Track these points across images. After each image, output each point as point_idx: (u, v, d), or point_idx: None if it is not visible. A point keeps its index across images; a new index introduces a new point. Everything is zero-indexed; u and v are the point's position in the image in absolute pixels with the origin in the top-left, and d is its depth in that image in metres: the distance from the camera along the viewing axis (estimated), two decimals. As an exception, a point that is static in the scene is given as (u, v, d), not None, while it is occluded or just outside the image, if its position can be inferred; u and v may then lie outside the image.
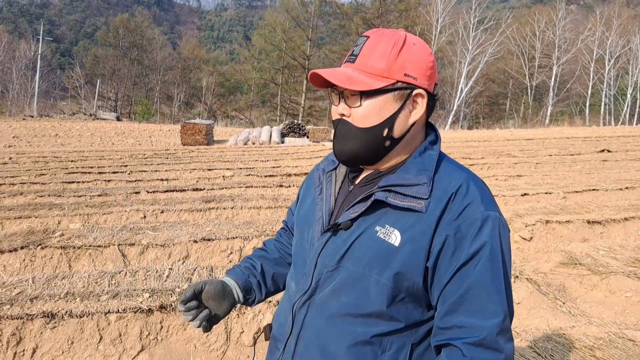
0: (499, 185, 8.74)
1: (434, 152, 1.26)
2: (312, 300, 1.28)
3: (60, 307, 3.58)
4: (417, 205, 1.16)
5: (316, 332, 1.26)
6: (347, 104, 1.23)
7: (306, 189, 1.51)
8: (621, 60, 47.24)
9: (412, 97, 1.22)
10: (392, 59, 1.19)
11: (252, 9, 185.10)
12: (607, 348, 3.12)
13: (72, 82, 59.31)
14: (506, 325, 1.11)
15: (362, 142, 1.23)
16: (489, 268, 1.11)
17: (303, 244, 1.37)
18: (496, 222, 1.14)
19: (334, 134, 1.29)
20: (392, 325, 1.19)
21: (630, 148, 14.68)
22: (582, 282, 4.66)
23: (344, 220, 1.23)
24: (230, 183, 9.40)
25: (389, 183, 1.20)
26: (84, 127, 30.08)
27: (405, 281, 1.16)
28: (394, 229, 1.17)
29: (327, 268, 1.25)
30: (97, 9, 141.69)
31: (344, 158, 1.27)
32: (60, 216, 6.49)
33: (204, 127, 19.94)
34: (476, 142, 18.15)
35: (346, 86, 1.18)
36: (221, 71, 65.73)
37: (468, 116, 50.40)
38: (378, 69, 1.19)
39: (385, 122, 1.21)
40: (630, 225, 6.17)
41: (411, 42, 1.22)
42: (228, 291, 1.48)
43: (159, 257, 5.14)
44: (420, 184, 1.18)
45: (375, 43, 1.21)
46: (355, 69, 1.21)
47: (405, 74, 1.20)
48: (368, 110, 1.20)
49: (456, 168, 1.26)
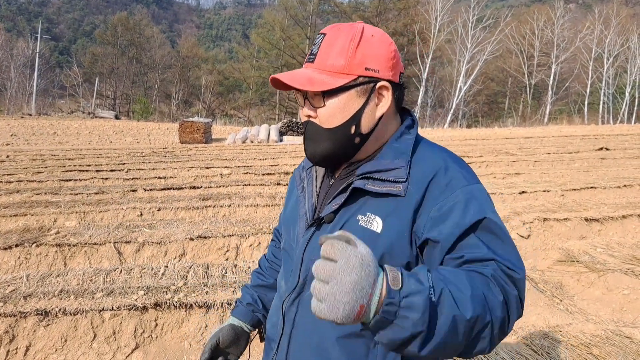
0: (497, 184, 8.73)
1: (410, 136, 1.24)
2: (301, 298, 1.26)
3: (54, 305, 3.56)
4: (395, 189, 1.13)
5: (308, 329, 1.24)
6: (312, 104, 1.21)
7: (290, 191, 1.50)
8: (620, 59, 47.26)
9: (376, 90, 1.19)
10: (350, 54, 1.16)
11: (251, 7, 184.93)
12: (604, 345, 3.10)
13: (71, 80, 59.28)
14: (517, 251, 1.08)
15: (331, 143, 1.21)
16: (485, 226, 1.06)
17: (290, 243, 1.36)
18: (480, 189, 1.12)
19: (304, 137, 1.28)
20: None
21: (629, 146, 14.66)
22: (580, 279, 4.65)
23: (327, 214, 1.22)
24: (228, 181, 9.37)
25: (367, 170, 1.18)
26: (82, 126, 30.04)
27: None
28: (375, 215, 1.15)
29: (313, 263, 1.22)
30: (96, 7, 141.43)
31: (316, 160, 1.26)
32: (56, 214, 6.46)
33: (203, 126, 19.91)
34: (475, 140, 18.14)
35: (306, 88, 1.16)
36: (220, 70, 65.64)
37: (467, 115, 50.38)
38: (338, 66, 1.17)
39: (351, 119, 1.19)
40: (628, 222, 6.15)
41: (369, 34, 1.19)
42: (240, 332, 1.54)
43: (155, 255, 5.11)
44: (398, 168, 1.16)
45: (333, 40, 1.19)
46: (315, 69, 1.19)
47: (366, 68, 1.17)
48: (332, 110, 1.18)
49: (434, 149, 1.23)
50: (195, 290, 3.95)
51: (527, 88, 52.27)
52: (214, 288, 4.00)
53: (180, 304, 3.68)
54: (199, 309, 3.69)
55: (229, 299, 3.75)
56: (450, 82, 47.55)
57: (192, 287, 4.02)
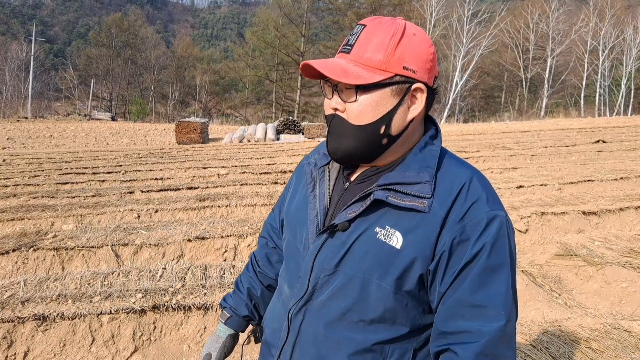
0: (494, 178, 8.73)
1: (435, 148, 1.19)
2: (308, 306, 1.21)
3: (52, 310, 3.55)
4: (419, 205, 1.09)
5: (313, 339, 1.20)
6: (341, 98, 1.15)
7: (296, 184, 1.42)
8: (615, 51, 47.27)
9: (410, 92, 1.14)
10: (390, 50, 1.11)
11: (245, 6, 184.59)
12: (602, 339, 3.10)
13: (66, 82, 59.10)
14: (509, 329, 1.05)
15: (357, 140, 1.15)
16: (491, 269, 1.06)
17: (295, 245, 1.30)
18: (501, 223, 1.08)
19: (328, 131, 1.21)
20: (394, 331, 1.14)
21: (625, 138, 14.68)
22: (578, 273, 4.65)
23: (341, 222, 1.16)
24: (225, 181, 9.36)
25: (389, 181, 1.13)
26: (79, 128, 29.98)
27: (408, 285, 1.11)
28: (395, 230, 1.11)
29: (325, 272, 1.18)
30: (90, 8, 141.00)
31: (338, 156, 1.19)
32: (53, 217, 6.45)
33: (199, 126, 19.89)
34: (472, 135, 18.14)
35: (340, 79, 1.10)
36: (215, 69, 65.51)
37: (463, 110, 50.38)
38: (375, 61, 1.11)
39: (382, 118, 1.13)
40: (626, 215, 6.16)
41: (411, 32, 1.14)
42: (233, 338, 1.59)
43: (153, 257, 5.10)
44: (423, 182, 1.12)
45: (372, 33, 1.12)
46: (351, 61, 1.13)
47: (404, 67, 1.11)
48: (364, 106, 1.12)
49: (459, 164, 1.19)
50: (194, 291, 3.94)
51: (523, 82, 52.28)
52: (212, 289, 3.99)
53: (178, 306, 3.67)
54: (198, 311, 3.68)
55: (228, 300, 3.74)
56: (447, 77, 47.52)
57: (191, 288, 4.01)
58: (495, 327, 1.04)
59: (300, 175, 1.41)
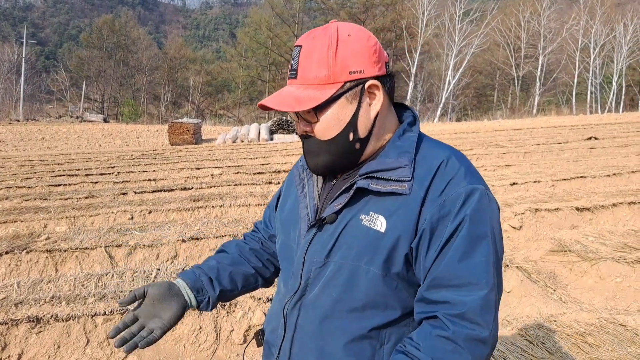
0: (488, 176, 8.75)
1: (413, 134, 1.21)
2: (303, 301, 1.23)
3: (46, 312, 3.52)
4: (400, 188, 1.12)
5: (311, 333, 1.21)
6: (305, 120, 1.19)
7: (287, 188, 1.45)
8: (606, 49, 47.56)
9: (366, 91, 1.16)
10: (331, 62, 1.12)
11: (237, 6, 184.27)
12: (598, 334, 3.11)
13: (58, 85, 58.79)
14: (490, 299, 1.07)
15: (332, 154, 1.19)
16: (471, 240, 1.08)
17: (289, 244, 1.32)
18: (480, 195, 1.10)
19: (304, 151, 1.25)
20: (388, 315, 1.15)
21: (617, 135, 14.77)
22: (572, 268, 4.67)
23: (329, 214, 1.19)
24: (219, 181, 9.33)
25: (370, 169, 1.16)
26: (71, 130, 29.82)
27: (395, 267, 1.13)
28: (378, 215, 1.13)
29: (316, 265, 1.20)
30: (81, 10, 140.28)
31: (320, 172, 1.24)
32: (46, 219, 6.40)
33: (192, 127, 19.83)
34: (465, 133, 18.19)
35: (295, 109, 1.13)
36: (208, 70, 65.36)
37: (456, 108, 50.51)
38: (321, 78, 1.13)
39: (347, 127, 1.16)
40: (618, 211, 6.19)
41: (345, 34, 1.15)
42: (175, 291, 1.35)
43: (147, 258, 5.08)
44: (402, 167, 1.14)
45: (310, 50, 1.15)
46: (300, 85, 1.16)
47: (350, 72, 1.13)
48: (327, 122, 1.16)
49: (437, 146, 1.22)
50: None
51: (515, 80, 52.47)
52: (207, 289, 3.97)
53: (173, 306, 3.64)
54: (193, 311, 3.66)
55: (223, 300, 3.72)
56: (439, 76, 47.67)
57: (185, 288, 3.99)
58: (477, 296, 1.05)
59: (291, 180, 1.43)
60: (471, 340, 1.05)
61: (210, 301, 1.41)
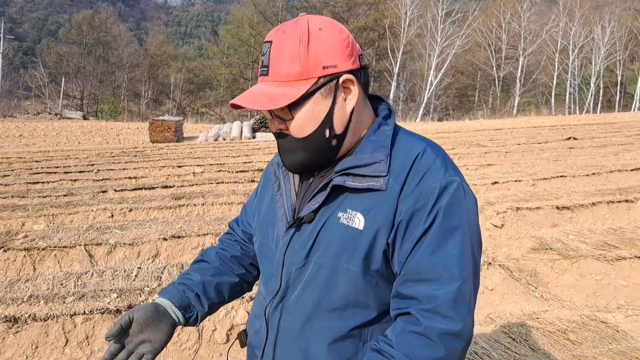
0: (470, 175, 8.82)
1: (388, 127, 1.19)
2: (284, 302, 1.21)
3: (24, 311, 3.44)
4: (376, 184, 1.10)
5: (294, 335, 1.19)
6: (280, 118, 1.15)
7: (263, 186, 1.42)
8: (584, 50, 48.36)
9: (340, 86, 1.13)
10: (303, 57, 1.09)
11: (219, 3, 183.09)
12: (580, 331, 3.14)
13: (36, 81, 57.71)
14: (464, 291, 1.05)
15: (308, 152, 1.16)
16: (445, 232, 1.06)
17: (268, 245, 1.29)
18: (456, 188, 1.09)
19: (279, 150, 1.22)
20: (370, 313, 1.14)
21: (595, 135, 15.00)
22: (553, 266, 4.72)
23: (306, 213, 1.17)
24: (201, 179, 9.25)
25: (346, 166, 1.14)
26: (49, 127, 29.32)
27: (375, 264, 1.11)
28: (356, 212, 1.12)
29: (295, 266, 1.18)
30: (60, 6, 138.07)
31: (297, 170, 1.21)
32: (24, 217, 6.27)
33: (173, 124, 19.64)
34: (447, 133, 18.32)
35: (269, 107, 1.10)
36: (189, 67, 64.80)
37: (438, 108, 50.91)
38: (294, 74, 1.10)
39: (323, 123, 1.13)
40: (598, 209, 6.27)
41: (316, 28, 1.12)
42: (162, 311, 1.28)
43: (128, 257, 5.00)
44: (378, 162, 1.12)
45: (281, 46, 1.11)
46: (272, 82, 1.12)
47: (323, 67, 1.10)
48: (302, 119, 1.12)
49: (413, 138, 1.20)
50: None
51: (496, 80, 53.07)
52: (189, 288, 3.92)
53: (155, 305, 3.59)
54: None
55: (206, 299, 3.68)
56: (421, 76, 47.97)
57: (167, 287, 3.93)
58: (450, 289, 1.04)
59: (267, 179, 1.40)
60: (444, 334, 1.03)
61: (198, 317, 1.37)
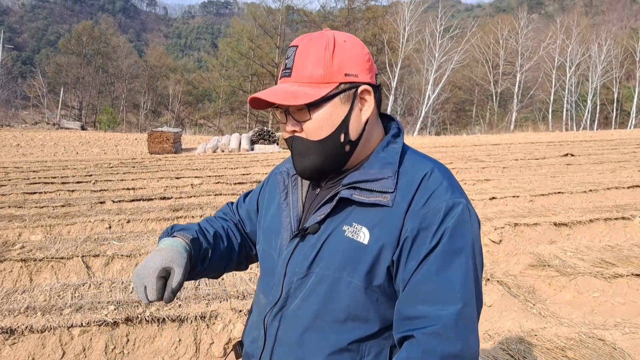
0: (467, 190, 8.84)
1: (397, 146, 1.22)
2: (284, 312, 1.22)
3: (20, 323, 3.42)
4: (383, 199, 1.12)
5: (291, 344, 1.20)
6: (295, 119, 1.18)
7: (270, 193, 1.43)
8: (581, 68, 48.74)
9: (358, 95, 1.18)
10: (328, 62, 1.14)
11: (220, 16, 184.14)
12: (578, 348, 3.14)
13: (34, 91, 57.77)
14: (466, 313, 1.06)
15: (321, 155, 1.18)
16: (449, 253, 1.08)
17: (270, 253, 1.30)
18: (461, 210, 1.11)
19: (292, 153, 1.24)
20: (368, 328, 1.15)
21: (592, 152, 15.08)
22: (551, 283, 4.72)
23: (312, 224, 1.18)
24: (199, 191, 9.25)
25: (354, 180, 1.16)
26: (47, 137, 29.32)
27: (377, 279, 1.13)
28: (361, 226, 1.13)
29: (297, 276, 1.19)
30: (60, 16, 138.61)
31: (307, 175, 1.22)
32: (20, 228, 6.26)
33: (172, 135, 19.66)
34: (444, 147, 18.40)
35: (290, 103, 1.12)
36: (189, 79, 65.04)
37: (435, 122, 51.11)
38: (317, 77, 1.14)
39: (339, 127, 1.16)
40: (595, 226, 6.29)
41: (341, 39, 1.18)
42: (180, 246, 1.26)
43: (125, 268, 4.99)
44: (385, 178, 1.15)
45: (306, 50, 1.16)
46: (294, 82, 1.16)
47: (345, 74, 1.15)
48: (319, 121, 1.15)
49: (421, 158, 1.23)
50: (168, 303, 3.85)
51: (494, 96, 53.38)
52: (186, 301, 3.91)
53: (152, 318, 3.58)
54: (172, 323, 3.60)
55: (203, 312, 3.67)
56: (419, 90, 48.21)
57: (165, 300, 3.91)
58: (452, 310, 1.05)
59: (274, 186, 1.41)
60: (446, 357, 1.04)
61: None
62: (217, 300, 3.89)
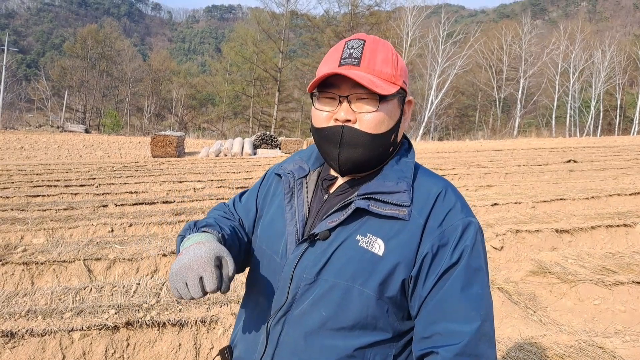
0: (469, 195, 8.83)
1: (410, 160, 1.26)
2: (288, 316, 1.20)
3: (21, 326, 3.43)
4: (400, 213, 1.14)
5: (293, 349, 1.19)
6: (352, 108, 1.16)
7: (268, 193, 1.41)
8: (585, 74, 48.72)
9: (405, 104, 1.24)
10: (394, 64, 1.18)
11: (223, 21, 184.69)
12: (577, 356, 3.13)
13: (39, 93, 58.07)
14: (486, 329, 1.09)
15: (371, 149, 1.17)
16: (471, 272, 1.11)
17: (272, 255, 1.28)
18: (475, 229, 1.15)
19: (340, 142, 1.16)
20: (375, 336, 1.15)
21: (595, 158, 15.05)
22: (552, 290, 4.71)
23: (322, 230, 1.18)
24: (202, 195, 9.26)
25: (370, 191, 1.17)
26: (51, 140, 29.42)
27: (390, 291, 1.14)
28: (376, 237, 1.14)
29: (305, 281, 1.18)
30: (65, 19, 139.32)
31: (349, 166, 1.19)
32: (23, 231, 6.28)
33: (175, 139, 19.72)
34: (447, 152, 18.38)
35: (372, 88, 1.11)
36: (192, 83, 65.25)
37: (438, 127, 51.12)
38: (386, 74, 1.17)
39: (394, 127, 1.20)
40: (597, 233, 6.28)
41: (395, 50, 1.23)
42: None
43: (127, 272, 5.00)
44: (401, 192, 1.17)
45: (375, 47, 1.18)
46: (367, 72, 1.15)
47: (403, 81, 1.21)
48: (383, 116, 1.16)
49: (433, 176, 1.26)
50: (169, 308, 3.86)
51: (497, 102, 53.36)
52: (187, 305, 3.92)
53: (152, 322, 3.59)
54: (173, 327, 3.60)
55: (203, 317, 3.68)
56: (422, 95, 48.20)
57: (165, 304, 3.93)
58: (475, 327, 1.08)
59: (271, 185, 1.41)
60: None
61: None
62: (217, 304, 3.90)
